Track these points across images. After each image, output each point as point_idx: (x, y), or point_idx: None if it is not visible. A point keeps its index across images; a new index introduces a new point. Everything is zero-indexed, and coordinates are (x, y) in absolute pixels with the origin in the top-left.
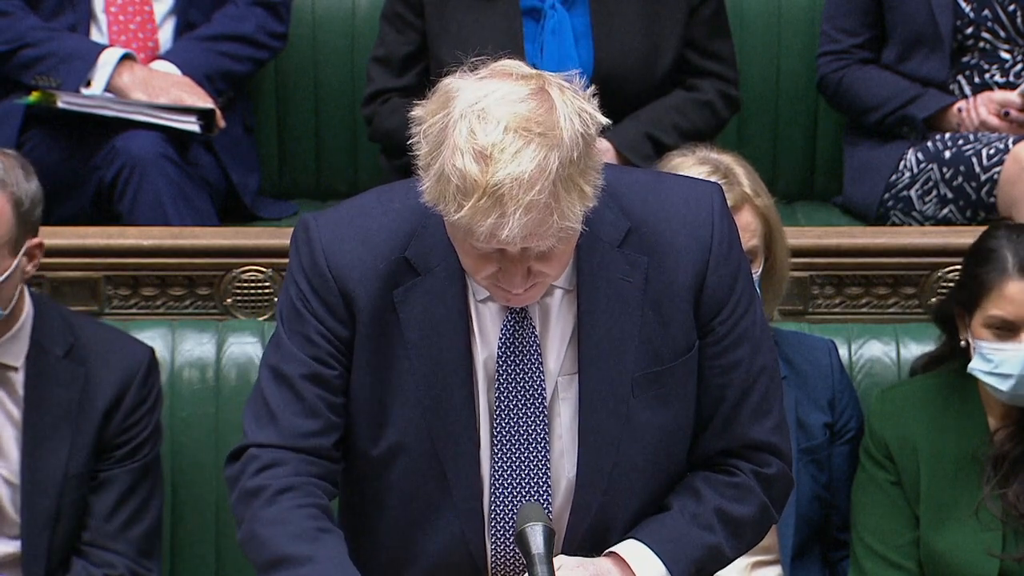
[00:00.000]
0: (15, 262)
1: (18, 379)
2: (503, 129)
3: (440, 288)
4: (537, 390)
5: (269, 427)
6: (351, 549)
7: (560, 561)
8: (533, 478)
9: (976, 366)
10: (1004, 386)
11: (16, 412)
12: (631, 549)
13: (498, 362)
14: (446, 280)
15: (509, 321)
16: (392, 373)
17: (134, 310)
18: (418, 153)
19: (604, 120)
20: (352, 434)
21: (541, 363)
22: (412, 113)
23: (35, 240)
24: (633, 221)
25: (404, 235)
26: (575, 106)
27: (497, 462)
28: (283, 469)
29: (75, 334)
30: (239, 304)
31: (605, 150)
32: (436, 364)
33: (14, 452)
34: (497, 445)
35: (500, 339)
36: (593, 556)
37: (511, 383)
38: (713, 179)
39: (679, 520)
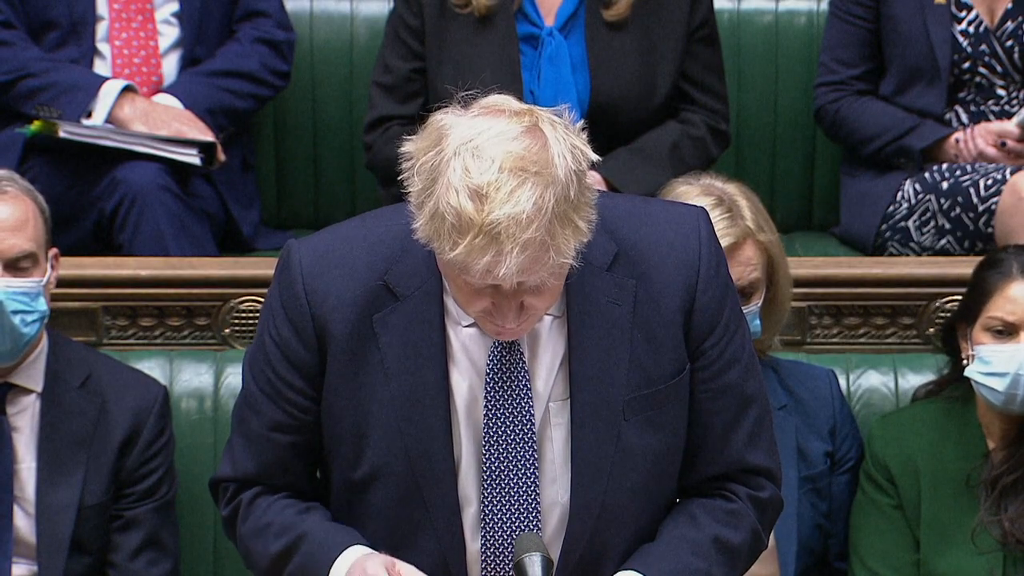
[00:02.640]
0: (48, 265)
1: (36, 407)
2: (498, 168)
3: (418, 313)
4: (526, 415)
5: (233, 467)
6: None
7: None
8: (524, 504)
9: (973, 369)
10: (1000, 385)
11: (33, 440)
12: None
13: (486, 387)
14: (424, 305)
15: (497, 346)
16: (372, 398)
17: (132, 340)
18: (411, 190)
19: (594, 156)
20: (333, 458)
21: (529, 388)
22: (403, 149)
23: (54, 249)
24: (621, 245)
25: (384, 260)
26: (567, 143)
27: (487, 488)
28: (250, 490)
29: (90, 366)
30: (237, 334)
31: (596, 181)
32: (414, 389)
33: (31, 479)
34: (487, 471)
35: (488, 364)
36: None
37: (499, 409)
38: (717, 211)
39: (677, 550)
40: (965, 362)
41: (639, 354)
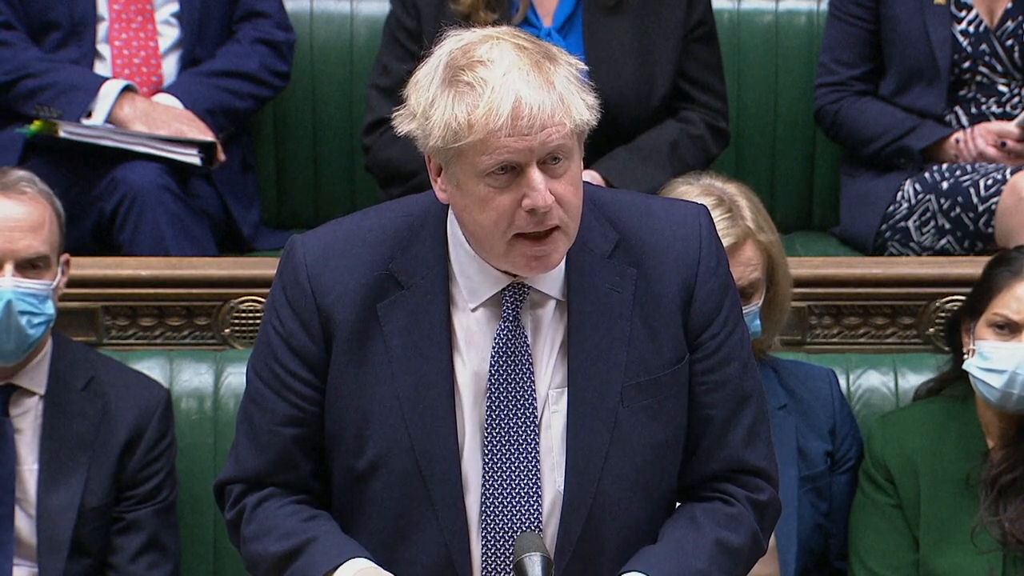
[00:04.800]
0: (59, 270)
1: (38, 409)
2: (493, 41)
3: (423, 301)
4: (529, 402)
5: (237, 467)
6: None
7: None
8: (524, 491)
9: (972, 363)
10: (996, 383)
11: (35, 441)
12: None
13: (490, 373)
14: (429, 293)
15: (502, 332)
16: (376, 386)
17: (132, 340)
18: (415, 112)
19: (582, 65)
20: (335, 449)
21: (532, 374)
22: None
23: (65, 255)
24: (622, 233)
25: (388, 250)
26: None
27: (488, 474)
28: (255, 493)
29: (94, 368)
30: (237, 334)
31: (595, 181)
32: (418, 377)
33: (33, 481)
34: (489, 457)
35: (493, 350)
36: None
37: (504, 395)
38: (717, 211)
39: (678, 551)
40: (966, 356)
41: (638, 341)
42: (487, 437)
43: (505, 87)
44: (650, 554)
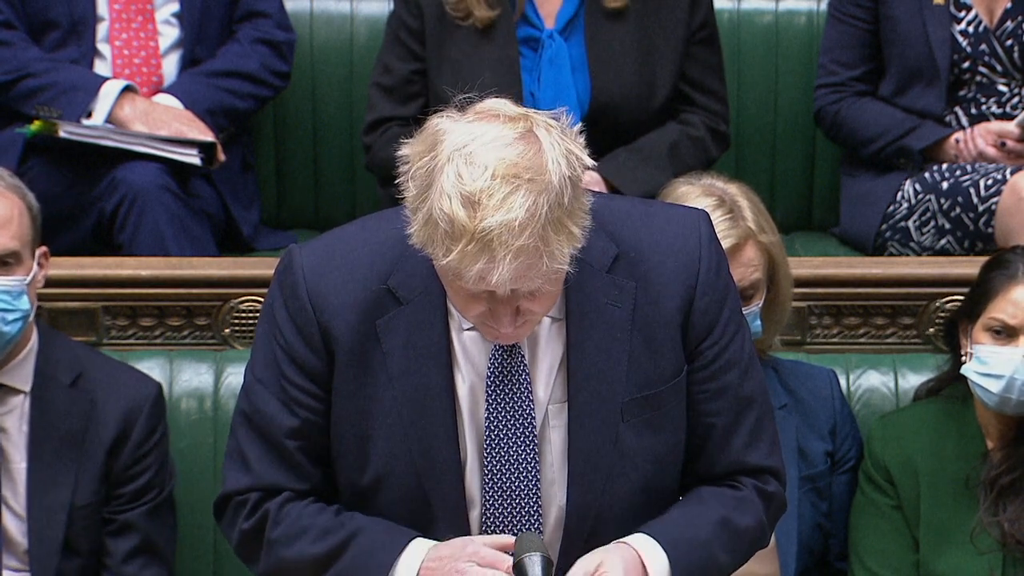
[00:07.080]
0: (35, 264)
1: (24, 407)
2: (491, 175)
3: (422, 317)
4: (527, 418)
5: (248, 476)
6: None
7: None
8: (525, 506)
9: (970, 368)
10: (994, 387)
11: (23, 441)
12: (641, 542)
13: (487, 390)
14: (428, 309)
15: (498, 350)
16: (376, 403)
17: (132, 340)
18: (406, 195)
19: (589, 161)
20: (338, 463)
21: (531, 391)
22: (399, 152)
23: (43, 247)
24: (621, 246)
25: (387, 265)
26: (562, 148)
27: (488, 490)
28: (274, 498)
29: (82, 364)
30: (237, 334)
31: (595, 182)
32: (419, 394)
33: (21, 480)
34: (488, 474)
35: (489, 368)
36: None
37: (501, 412)
38: (718, 212)
39: (682, 521)
40: (964, 359)
41: (638, 356)
42: (486, 453)
43: (480, 246)
44: (656, 522)
